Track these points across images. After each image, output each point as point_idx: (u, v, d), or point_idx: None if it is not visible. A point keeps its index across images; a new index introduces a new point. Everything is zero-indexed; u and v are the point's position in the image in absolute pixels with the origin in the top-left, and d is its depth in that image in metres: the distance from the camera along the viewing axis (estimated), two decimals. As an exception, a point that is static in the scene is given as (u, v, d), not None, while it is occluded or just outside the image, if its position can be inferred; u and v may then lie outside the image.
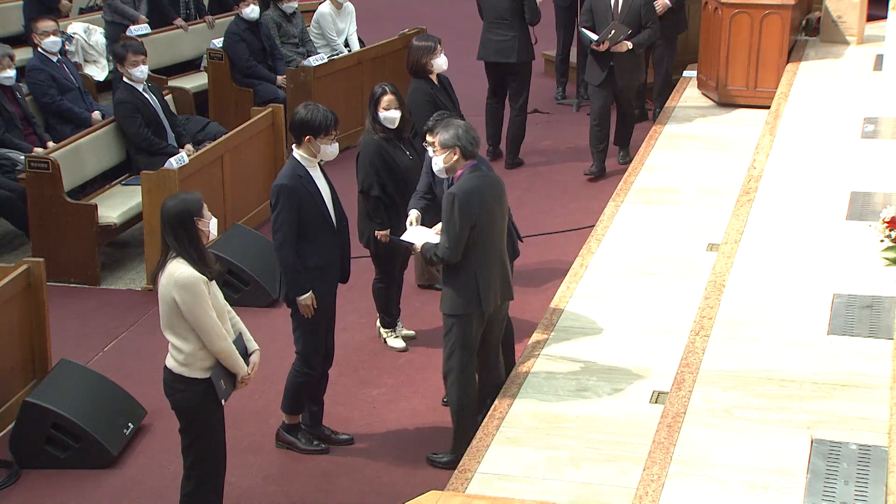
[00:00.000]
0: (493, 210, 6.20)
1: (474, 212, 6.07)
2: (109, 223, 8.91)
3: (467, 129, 6.25)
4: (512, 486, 5.61)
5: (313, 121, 6.35)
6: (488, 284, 6.21)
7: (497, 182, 6.30)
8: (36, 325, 7.17)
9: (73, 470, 6.57)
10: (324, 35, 12.00)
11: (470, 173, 6.17)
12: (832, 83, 10.67)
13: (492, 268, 6.23)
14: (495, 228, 6.25)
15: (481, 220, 6.11)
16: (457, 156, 6.18)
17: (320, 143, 6.38)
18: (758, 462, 5.49)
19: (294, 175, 6.36)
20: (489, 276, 6.21)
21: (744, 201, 8.42)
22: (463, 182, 6.14)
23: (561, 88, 12.71)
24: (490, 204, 6.17)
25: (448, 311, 6.26)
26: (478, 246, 6.14)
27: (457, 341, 6.25)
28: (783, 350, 6.45)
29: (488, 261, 6.21)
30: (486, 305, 6.22)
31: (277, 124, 10.00)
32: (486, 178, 6.20)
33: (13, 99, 9.61)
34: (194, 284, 5.38)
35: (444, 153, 6.21)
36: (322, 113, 6.38)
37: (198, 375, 5.50)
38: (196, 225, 5.43)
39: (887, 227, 6.34)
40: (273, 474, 6.55)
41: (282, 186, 6.34)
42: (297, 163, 6.41)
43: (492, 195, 6.20)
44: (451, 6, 16.78)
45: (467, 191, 6.09)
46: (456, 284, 6.19)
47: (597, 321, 7.13)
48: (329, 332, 6.67)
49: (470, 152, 6.19)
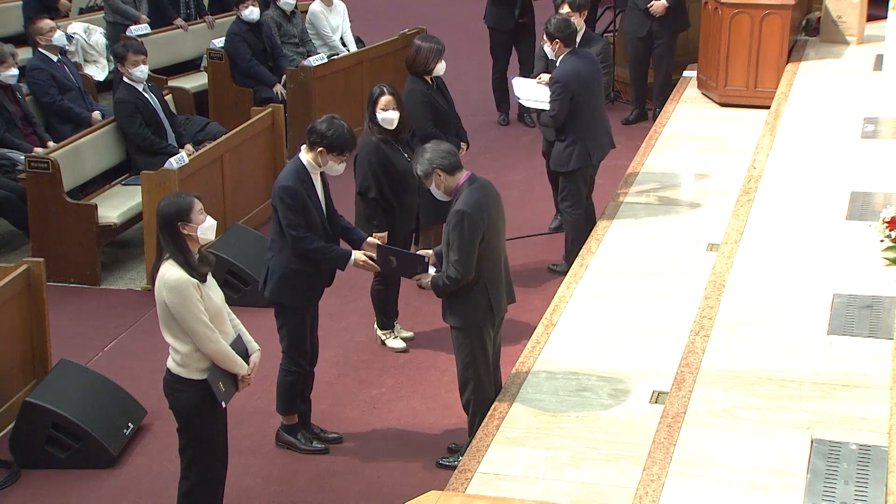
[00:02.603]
0: (496, 218, 6.19)
1: (483, 225, 6.05)
2: (109, 223, 8.92)
3: (435, 146, 6.20)
4: (512, 486, 5.61)
5: (332, 138, 6.36)
6: (498, 292, 6.22)
7: (493, 188, 6.30)
8: (36, 325, 7.17)
9: (73, 470, 6.57)
10: (319, 33, 12.01)
11: (469, 186, 6.12)
12: (832, 83, 10.68)
13: (498, 275, 6.23)
14: (500, 236, 6.25)
15: (488, 231, 6.09)
16: (442, 176, 6.14)
17: (330, 159, 6.40)
18: (758, 462, 5.49)
19: (297, 178, 6.37)
20: (498, 284, 6.22)
21: (744, 201, 8.42)
22: (467, 197, 6.06)
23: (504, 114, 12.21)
24: (493, 213, 6.16)
25: (461, 324, 6.21)
26: (485, 256, 6.12)
27: (472, 352, 6.21)
28: (783, 350, 6.45)
29: (495, 269, 6.20)
30: (497, 312, 6.24)
31: (277, 124, 10.00)
32: (485, 188, 6.17)
33: (13, 99, 9.61)
34: (183, 287, 5.37)
35: (430, 182, 6.19)
36: (343, 133, 6.39)
37: (195, 376, 5.49)
38: (181, 230, 5.41)
39: (887, 227, 6.35)
40: (273, 474, 6.55)
41: (287, 188, 6.34)
42: (301, 166, 6.41)
43: (493, 203, 6.19)
44: (451, 6, 16.79)
45: (474, 205, 6.03)
46: (466, 297, 6.13)
47: (597, 321, 7.12)
48: (313, 331, 6.70)
49: (451, 166, 6.13)
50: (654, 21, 11.24)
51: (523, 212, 9.73)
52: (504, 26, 11.56)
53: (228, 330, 5.61)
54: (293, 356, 6.56)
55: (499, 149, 11.38)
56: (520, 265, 8.64)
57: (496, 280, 6.20)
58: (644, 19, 11.31)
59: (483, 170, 10.26)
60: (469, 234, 5.99)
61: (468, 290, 6.12)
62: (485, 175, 6.34)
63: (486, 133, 11.69)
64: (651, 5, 11.15)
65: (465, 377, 6.27)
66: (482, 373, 6.25)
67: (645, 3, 11.22)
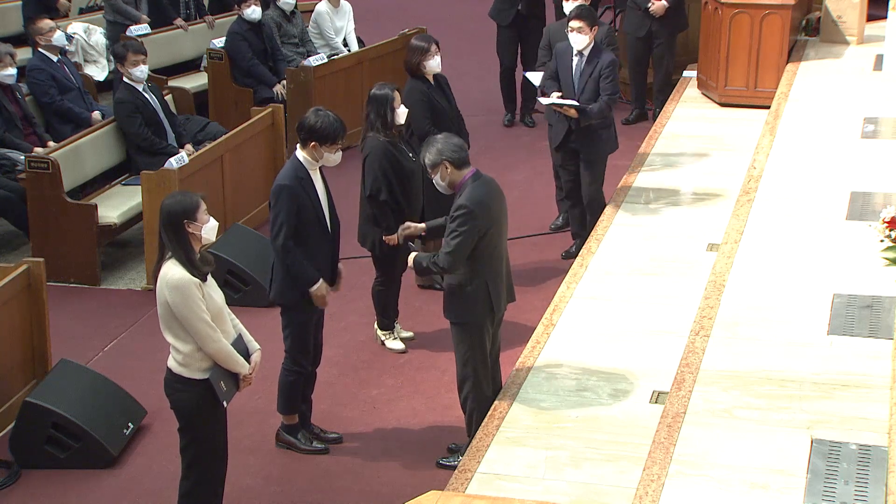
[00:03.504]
0: (499, 216, 6.19)
1: (485, 223, 6.06)
2: (109, 223, 8.92)
3: (446, 139, 6.20)
4: (512, 486, 5.60)
5: (321, 129, 6.36)
6: (499, 290, 6.22)
7: (496, 185, 6.29)
8: (36, 325, 7.17)
9: (73, 470, 6.57)
10: (322, 34, 12.01)
11: (474, 181, 6.13)
12: (832, 83, 10.67)
13: (499, 273, 6.23)
14: (502, 233, 6.25)
15: (490, 228, 6.10)
16: (449, 169, 6.15)
17: (325, 150, 6.39)
18: (758, 462, 5.49)
19: (295, 176, 6.37)
20: (498, 282, 6.22)
21: (744, 201, 8.42)
22: (472, 192, 6.08)
23: (509, 114, 12.13)
24: (496, 211, 6.16)
25: (460, 319, 6.23)
26: (486, 253, 6.12)
27: (471, 348, 6.22)
28: (783, 350, 6.45)
29: (496, 267, 6.21)
30: (497, 310, 6.24)
31: (277, 124, 10.00)
32: (489, 185, 6.18)
33: (13, 99, 9.61)
34: (185, 286, 5.37)
35: (436, 173, 6.19)
36: (331, 121, 6.39)
37: (197, 376, 5.50)
38: (186, 229, 5.41)
39: (887, 227, 6.35)
40: (273, 474, 6.55)
41: (284, 187, 6.34)
42: (299, 164, 6.41)
43: (497, 200, 6.20)
44: (451, 5, 16.79)
45: (478, 202, 6.04)
46: (466, 293, 6.15)
47: (597, 321, 7.12)
48: (318, 331, 6.69)
49: (459, 160, 6.14)
50: (654, 21, 11.24)
51: (523, 211, 9.73)
52: (503, 20, 11.56)
53: (229, 329, 5.61)
54: (296, 356, 6.56)
55: (499, 148, 11.37)
56: (520, 265, 8.64)
57: (497, 278, 6.21)
58: (644, 19, 11.31)
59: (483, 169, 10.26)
60: (468, 229, 6.00)
61: (466, 283, 6.13)
62: (485, 175, 6.34)
63: (486, 132, 11.68)
64: (651, 5, 11.16)
65: (464, 374, 6.28)
66: (480, 370, 6.26)
67: (645, 3, 11.22)
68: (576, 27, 8.35)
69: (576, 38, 8.39)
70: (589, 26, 8.34)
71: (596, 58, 8.45)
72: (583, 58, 8.46)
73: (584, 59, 8.45)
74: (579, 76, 8.46)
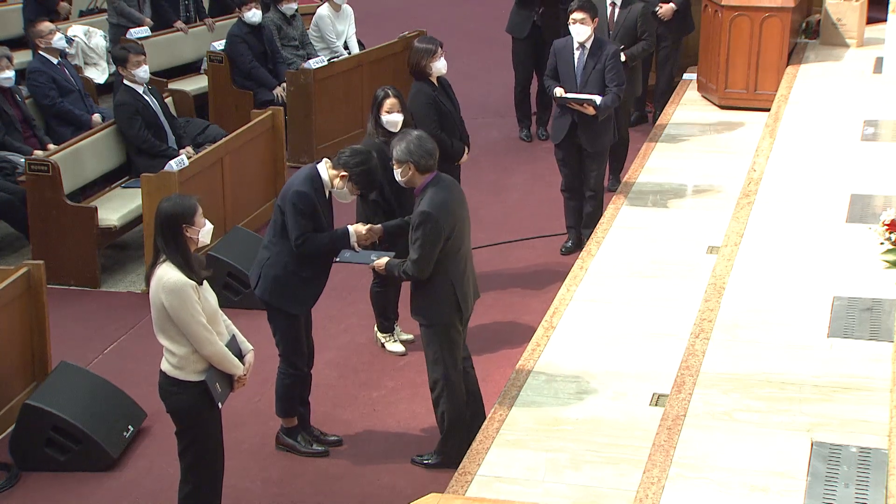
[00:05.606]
0: (462, 217, 6.25)
1: (447, 227, 6.10)
2: (109, 226, 8.92)
3: (420, 142, 6.18)
4: (512, 488, 5.60)
5: (359, 176, 6.36)
6: (465, 289, 6.28)
7: (458, 187, 6.35)
8: (36, 327, 7.17)
9: (72, 472, 6.57)
10: (323, 37, 12.01)
11: (434, 186, 6.16)
12: (832, 86, 10.68)
13: (465, 272, 6.29)
14: (464, 234, 6.30)
15: (454, 230, 6.14)
16: (412, 170, 6.16)
17: (348, 188, 6.39)
18: (758, 465, 5.49)
19: (312, 186, 6.38)
20: (465, 282, 6.27)
21: (744, 204, 8.42)
22: (432, 197, 6.10)
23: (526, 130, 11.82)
24: (459, 212, 6.21)
25: (429, 321, 6.28)
26: (451, 255, 6.17)
27: (440, 349, 6.27)
28: (783, 352, 6.45)
29: (461, 267, 6.27)
30: (465, 309, 6.30)
31: (277, 127, 9.99)
32: (449, 187, 6.21)
33: (13, 101, 9.61)
34: (181, 289, 5.37)
35: (399, 168, 6.20)
36: (373, 174, 6.41)
37: (192, 378, 5.49)
38: (184, 232, 5.41)
39: (887, 229, 6.35)
40: (273, 477, 6.55)
41: (302, 193, 6.34)
42: (317, 175, 6.41)
43: (458, 202, 6.25)
44: (451, 8, 16.79)
45: (440, 207, 6.08)
46: (433, 294, 6.21)
47: (597, 324, 7.12)
48: (308, 333, 6.70)
49: (425, 166, 6.15)
50: (660, 24, 11.20)
51: (523, 214, 9.73)
52: (519, 33, 11.51)
53: (223, 331, 5.62)
54: (290, 358, 6.57)
55: (499, 152, 11.36)
56: (519, 267, 8.65)
57: (462, 277, 6.26)
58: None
59: (483, 172, 10.25)
60: (432, 236, 6.04)
61: (432, 285, 6.18)
62: (484, 178, 6.36)
63: (486, 135, 11.67)
64: (659, 8, 11.04)
65: (435, 375, 6.32)
66: (451, 370, 6.30)
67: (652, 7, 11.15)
68: (578, 19, 8.37)
69: (578, 30, 8.39)
70: (591, 18, 8.35)
71: (599, 50, 8.47)
72: (585, 50, 8.47)
73: (586, 51, 8.46)
74: (582, 69, 8.47)
